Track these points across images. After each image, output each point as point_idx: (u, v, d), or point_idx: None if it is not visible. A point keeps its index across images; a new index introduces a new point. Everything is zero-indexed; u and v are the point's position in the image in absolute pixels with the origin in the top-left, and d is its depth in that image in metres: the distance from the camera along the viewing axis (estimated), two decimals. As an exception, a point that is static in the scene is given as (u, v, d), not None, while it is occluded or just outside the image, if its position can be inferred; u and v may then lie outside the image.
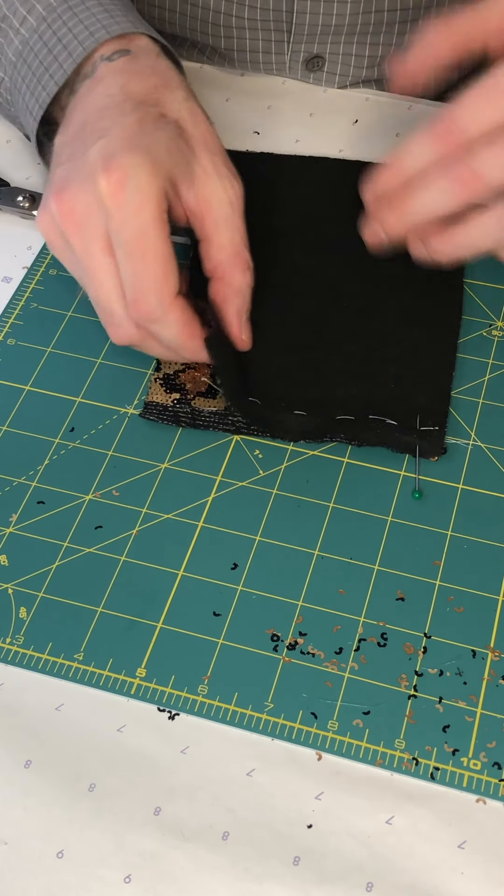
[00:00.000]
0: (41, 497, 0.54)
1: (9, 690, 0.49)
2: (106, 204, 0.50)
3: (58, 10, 0.59)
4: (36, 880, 0.44)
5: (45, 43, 0.58)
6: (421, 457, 0.55)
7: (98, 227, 0.50)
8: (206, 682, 0.48)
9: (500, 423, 0.56)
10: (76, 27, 0.58)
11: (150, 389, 0.57)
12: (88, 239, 0.51)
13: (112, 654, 0.49)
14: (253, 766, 0.47)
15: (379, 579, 0.51)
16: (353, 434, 0.55)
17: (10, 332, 0.61)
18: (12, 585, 0.52)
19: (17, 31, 0.60)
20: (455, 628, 0.50)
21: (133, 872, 0.44)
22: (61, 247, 0.53)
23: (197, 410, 0.56)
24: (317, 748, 0.47)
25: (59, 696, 0.48)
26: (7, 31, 0.60)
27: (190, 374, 0.58)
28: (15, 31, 0.60)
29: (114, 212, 0.50)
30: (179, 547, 0.52)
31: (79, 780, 0.46)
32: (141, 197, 0.50)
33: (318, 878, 0.44)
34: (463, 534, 0.53)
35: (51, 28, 0.58)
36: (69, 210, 0.51)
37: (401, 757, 0.46)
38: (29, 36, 0.59)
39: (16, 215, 0.67)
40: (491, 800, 0.45)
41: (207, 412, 0.56)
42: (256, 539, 0.53)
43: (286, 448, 0.56)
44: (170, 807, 0.46)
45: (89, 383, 0.59)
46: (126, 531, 0.53)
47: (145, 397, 0.57)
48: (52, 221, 0.52)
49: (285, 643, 0.49)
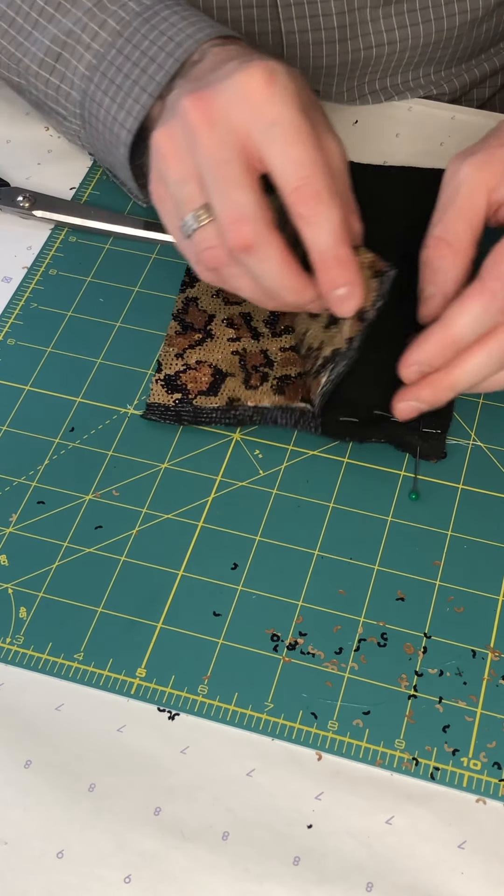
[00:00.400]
0: (41, 497, 0.54)
1: (9, 690, 0.49)
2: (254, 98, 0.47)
3: (133, 24, 0.59)
4: (36, 880, 0.44)
5: (128, 57, 0.58)
6: (420, 458, 0.55)
7: (239, 121, 0.48)
8: (206, 682, 0.48)
9: (500, 423, 0.56)
10: (159, 39, 0.57)
11: (152, 391, 0.57)
12: (223, 133, 0.48)
13: (112, 654, 0.49)
14: (253, 766, 0.47)
15: (379, 579, 0.51)
16: (361, 434, 0.55)
17: (10, 332, 0.61)
18: (12, 585, 0.52)
19: (89, 45, 0.60)
20: (455, 628, 0.50)
21: (133, 872, 0.44)
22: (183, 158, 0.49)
23: (199, 408, 0.56)
24: (317, 748, 0.47)
25: (59, 696, 0.48)
26: (74, 46, 0.60)
27: (191, 374, 0.58)
28: (85, 45, 0.60)
29: (263, 104, 0.47)
30: (179, 547, 0.52)
31: (79, 780, 0.46)
32: (292, 91, 0.48)
33: (318, 878, 0.44)
34: (463, 534, 0.53)
35: (130, 42, 0.58)
36: (205, 104, 0.48)
37: (401, 757, 0.46)
38: (105, 50, 0.59)
39: (16, 215, 0.67)
40: (491, 800, 0.45)
41: (209, 409, 0.56)
42: (256, 539, 0.53)
43: (286, 448, 0.56)
44: (170, 807, 0.46)
45: (89, 383, 0.59)
46: (126, 531, 0.53)
47: (147, 398, 0.57)
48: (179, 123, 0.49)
49: (285, 643, 0.49)
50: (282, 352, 0.58)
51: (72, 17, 0.60)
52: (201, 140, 0.48)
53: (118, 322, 0.61)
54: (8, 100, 0.73)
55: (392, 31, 0.69)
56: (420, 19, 0.69)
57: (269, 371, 0.57)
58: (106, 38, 0.59)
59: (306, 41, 0.68)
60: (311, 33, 0.67)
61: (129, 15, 0.59)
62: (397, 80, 0.72)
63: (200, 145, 0.48)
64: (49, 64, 0.61)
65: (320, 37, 0.68)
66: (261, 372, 0.57)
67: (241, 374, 0.57)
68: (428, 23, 0.69)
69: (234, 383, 0.57)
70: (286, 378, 0.57)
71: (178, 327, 0.60)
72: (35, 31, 0.61)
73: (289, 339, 0.59)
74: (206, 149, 0.48)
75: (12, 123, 0.71)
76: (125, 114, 0.58)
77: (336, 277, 0.50)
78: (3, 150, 0.70)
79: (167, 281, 0.63)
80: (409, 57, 0.71)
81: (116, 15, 0.59)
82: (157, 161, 0.51)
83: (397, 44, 0.69)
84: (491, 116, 0.72)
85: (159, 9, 0.59)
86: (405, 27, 0.69)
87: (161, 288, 0.63)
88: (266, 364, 0.58)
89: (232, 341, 0.59)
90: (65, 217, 0.66)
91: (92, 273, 0.64)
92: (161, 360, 0.58)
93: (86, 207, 0.66)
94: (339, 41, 0.68)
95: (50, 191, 0.68)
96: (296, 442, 0.56)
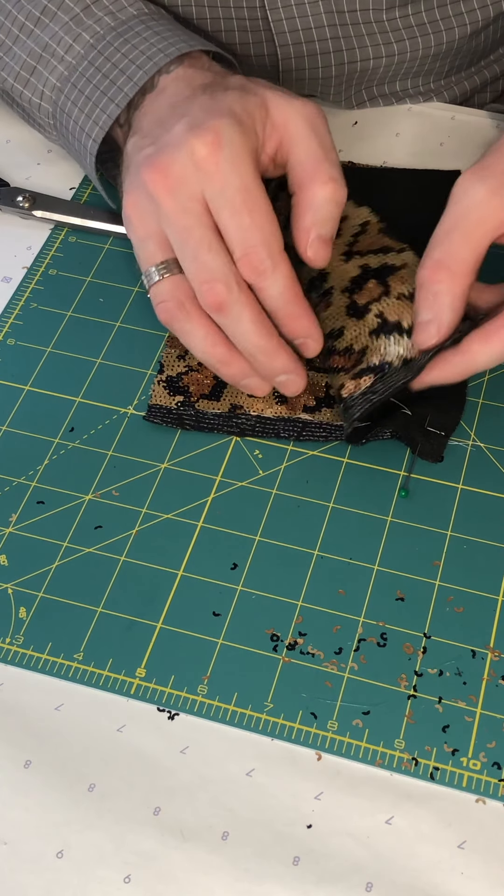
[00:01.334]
0: (41, 497, 0.54)
1: (9, 690, 0.49)
2: (203, 167, 0.50)
3: (106, 37, 0.60)
4: (36, 880, 0.44)
5: (99, 69, 0.59)
6: (418, 456, 0.55)
7: (194, 189, 0.50)
8: (205, 682, 0.48)
9: (500, 423, 0.56)
10: (131, 52, 0.59)
11: (154, 392, 0.57)
12: (184, 200, 0.51)
13: (112, 654, 0.49)
14: (253, 766, 0.47)
15: (379, 579, 0.51)
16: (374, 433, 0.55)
17: (10, 332, 0.61)
18: (12, 585, 0.52)
19: (62, 58, 0.61)
20: (455, 628, 0.50)
21: (133, 872, 0.44)
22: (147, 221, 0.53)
23: (201, 413, 0.56)
24: (316, 748, 0.47)
25: (59, 696, 0.48)
26: (48, 59, 0.61)
27: (193, 376, 0.57)
28: (59, 58, 0.61)
29: (212, 172, 0.50)
30: (179, 547, 0.52)
31: (79, 780, 0.46)
32: (238, 154, 0.50)
33: (317, 878, 0.44)
34: (462, 534, 0.53)
35: (102, 54, 0.59)
36: (162, 175, 0.51)
37: (400, 757, 0.46)
38: (77, 62, 0.60)
39: (16, 215, 0.67)
40: (491, 800, 0.45)
41: (211, 414, 0.56)
42: (256, 539, 0.53)
43: (286, 448, 0.56)
44: (170, 807, 0.46)
45: (89, 383, 0.59)
46: (126, 531, 0.53)
47: (149, 400, 0.57)
48: (142, 192, 0.52)
49: (285, 643, 0.49)
50: None
51: (49, 31, 0.61)
52: (165, 209, 0.51)
53: (118, 322, 0.61)
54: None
55: (390, 45, 0.68)
56: (417, 33, 0.68)
57: None
58: (79, 50, 0.60)
59: (301, 53, 0.68)
60: (304, 45, 0.67)
61: (104, 29, 0.60)
62: (396, 88, 0.72)
63: (165, 214, 0.52)
64: (24, 77, 0.62)
65: (314, 48, 0.67)
66: None
67: None
68: (426, 36, 0.69)
69: (236, 388, 0.57)
70: None
71: None
72: (15, 45, 0.62)
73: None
74: (171, 216, 0.51)
75: (12, 123, 0.71)
76: (92, 123, 0.59)
77: (293, 329, 0.53)
78: (3, 150, 0.70)
79: (167, 281, 0.63)
80: (406, 68, 0.71)
81: (91, 29, 0.60)
82: (126, 223, 0.55)
83: (395, 56, 0.69)
84: (491, 116, 0.72)
85: (134, 24, 0.60)
86: (403, 41, 0.68)
87: (161, 288, 0.63)
88: None
89: None
90: (65, 217, 0.66)
91: (92, 273, 0.64)
92: (163, 361, 0.58)
93: (86, 207, 0.66)
94: (333, 52, 0.68)
95: (50, 191, 0.68)
96: (295, 442, 0.56)
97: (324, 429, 0.55)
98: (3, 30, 0.62)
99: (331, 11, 0.65)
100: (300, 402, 0.56)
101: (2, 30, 0.63)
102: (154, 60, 0.58)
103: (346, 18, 0.66)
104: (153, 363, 0.59)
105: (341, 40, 0.67)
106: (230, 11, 0.66)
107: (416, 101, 0.73)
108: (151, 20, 0.60)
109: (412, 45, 0.69)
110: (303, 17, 0.66)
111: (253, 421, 0.56)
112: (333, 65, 0.69)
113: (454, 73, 0.74)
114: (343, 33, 0.67)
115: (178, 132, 0.51)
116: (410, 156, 0.69)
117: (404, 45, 0.69)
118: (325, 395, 0.56)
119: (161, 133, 0.53)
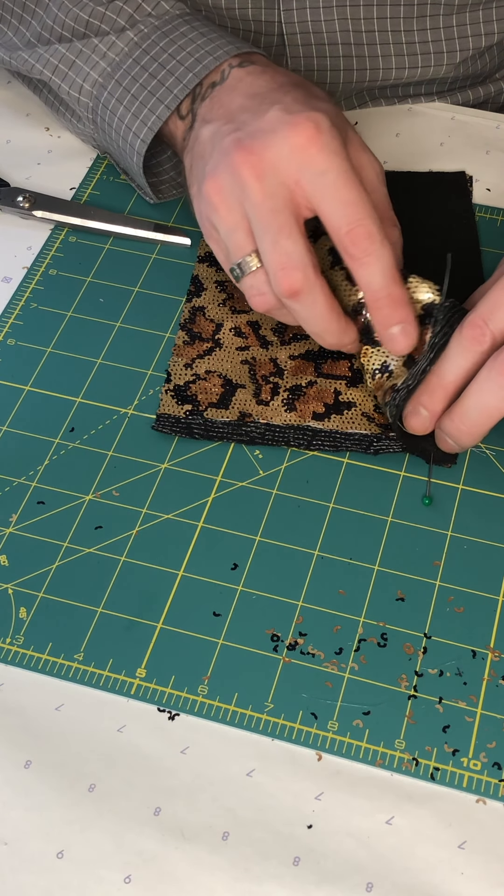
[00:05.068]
0: (41, 497, 0.54)
1: (9, 690, 0.49)
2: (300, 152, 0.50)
3: (152, 37, 0.60)
4: (36, 880, 0.44)
5: (145, 67, 0.60)
6: (434, 464, 0.55)
7: (285, 175, 0.50)
8: (206, 682, 0.48)
9: (500, 424, 0.56)
10: (178, 53, 0.59)
11: (162, 401, 0.57)
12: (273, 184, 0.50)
13: (112, 655, 0.49)
14: (253, 766, 0.47)
15: (379, 579, 0.51)
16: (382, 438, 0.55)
17: (10, 332, 0.61)
18: (12, 585, 0.52)
19: (104, 54, 0.61)
20: (455, 628, 0.50)
21: (133, 872, 0.44)
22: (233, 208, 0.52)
23: (210, 422, 0.56)
24: (317, 748, 0.47)
25: (59, 696, 0.48)
26: (88, 55, 0.62)
27: (200, 384, 0.57)
28: (101, 55, 0.61)
29: (313, 155, 0.50)
30: (179, 547, 0.52)
31: (79, 780, 0.46)
32: (335, 143, 0.50)
33: (318, 879, 0.44)
34: (463, 534, 0.53)
35: (148, 53, 0.60)
36: (257, 158, 0.51)
37: (401, 757, 0.46)
38: (121, 59, 0.61)
39: (16, 215, 0.67)
40: (491, 800, 0.45)
41: (220, 423, 0.56)
42: (256, 539, 0.53)
43: (286, 448, 0.56)
44: (170, 807, 0.46)
45: (89, 383, 0.59)
46: (126, 531, 0.53)
47: (157, 409, 0.57)
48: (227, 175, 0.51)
49: (285, 643, 0.49)
50: (291, 360, 0.58)
51: (92, 27, 0.61)
52: (251, 192, 0.51)
53: (118, 322, 0.61)
54: (8, 101, 0.73)
55: (401, 57, 0.69)
56: (432, 49, 0.69)
57: (279, 381, 0.57)
58: (123, 48, 0.61)
59: (311, 67, 0.69)
60: (315, 59, 0.69)
61: (149, 28, 0.61)
62: (398, 93, 0.73)
63: (250, 197, 0.51)
64: (62, 70, 0.63)
65: (325, 64, 0.69)
66: (271, 383, 0.57)
67: (252, 385, 0.57)
68: (440, 54, 0.70)
69: (244, 395, 0.56)
70: (297, 389, 0.57)
71: (186, 337, 0.59)
72: (52, 37, 0.63)
73: (298, 346, 0.58)
74: (256, 200, 0.51)
75: (12, 124, 0.71)
76: (140, 123, 0.60)
77: (389, 316, 0.51)
78: (3, 150, 0.70)
79: (167, 281, 0.63)
80: (415, 83, 0.72)
81: (136, 27, 0.61)
82: (209, 210, 0.53)
83: (406, 69, 0.70)
84: (491, 116, 0.72)
85: (178, 24, 0.61)
86: (416, 55, 0.69)
87: (161, 288, 0.63)
88: (276, 373, 0.57)
89: (241, 350, 0.58)
90: (65, 217, 0.66)
91: (92, 273, 0.64)
92: (170, 370, 0.58)
93: (86, 207, 0.66)
94: (344, 70, 0.69)
95: (50, 191, 0.68)
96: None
97: (333, 438, 0.55)
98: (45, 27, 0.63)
99: (346, 30, 0.67)
100: (309, 408, 0.56)
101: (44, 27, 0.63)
102: (203, 63, 0.58)
103: (363, 38, 0.67)
104: (153, 363, 0.59)
105: (354, 60, 0.69)
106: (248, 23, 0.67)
107: (416, 101, 0.73)
108: (196, 20, 0.61)
109: (424, 61, 0.70)
110: (317, 34, 0.67)
111: (262, 429, 0.56)
112: (342, 81, 0.70)
113: (457, 87, 0.74)
114: (357, 53, 0.68)
115: (272, 118, 0.51)
116: (410, 156, 0.69)
117: (416, 58, 0.70)
118: (333, 402, 0.56)
119: (250, 119, 0.53)
